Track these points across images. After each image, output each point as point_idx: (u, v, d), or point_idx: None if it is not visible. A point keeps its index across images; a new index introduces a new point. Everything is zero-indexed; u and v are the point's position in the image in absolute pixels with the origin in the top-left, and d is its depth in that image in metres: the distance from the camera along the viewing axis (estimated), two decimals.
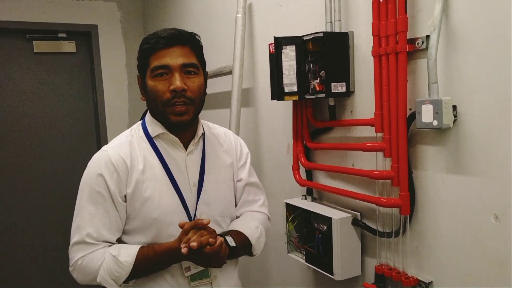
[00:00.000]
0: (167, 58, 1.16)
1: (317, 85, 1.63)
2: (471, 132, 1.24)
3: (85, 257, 1.16)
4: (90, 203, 1.17)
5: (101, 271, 1.14)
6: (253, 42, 2.27)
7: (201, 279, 1.23)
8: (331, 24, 1.65)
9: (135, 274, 1.16)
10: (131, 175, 1.19)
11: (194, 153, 1.27)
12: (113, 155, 1.19)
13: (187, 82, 1.17)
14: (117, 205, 1.18)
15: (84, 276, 1.18)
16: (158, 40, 1.17)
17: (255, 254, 1.34)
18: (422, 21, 1.35)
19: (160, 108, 1.18)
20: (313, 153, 1.90)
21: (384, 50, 1.41)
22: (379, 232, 1.55)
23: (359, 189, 1.66)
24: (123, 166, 1.18)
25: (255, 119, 2.32)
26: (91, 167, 1.20)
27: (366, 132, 1.60)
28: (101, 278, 1.14)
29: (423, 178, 1.41)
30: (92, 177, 1.18)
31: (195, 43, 1.23)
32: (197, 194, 1.25)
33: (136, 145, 1.23)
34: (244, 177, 1.39)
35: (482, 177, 1.23)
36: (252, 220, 1.36)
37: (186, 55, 1.18)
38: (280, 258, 2.21)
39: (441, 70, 1.29)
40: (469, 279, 1.29)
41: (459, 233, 1.31)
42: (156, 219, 1.19)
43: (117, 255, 1.14)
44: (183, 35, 1.19)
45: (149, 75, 1.18)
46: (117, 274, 1.13)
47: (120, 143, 1.23)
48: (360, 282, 1.69)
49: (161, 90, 1.16)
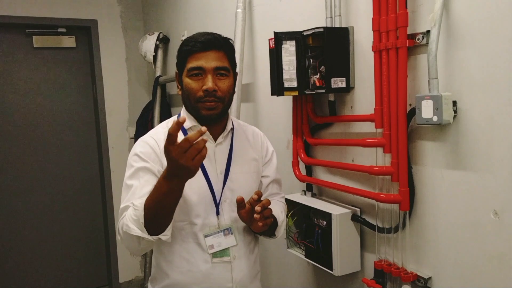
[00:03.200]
0: (202, 61, 1.29)
1: (317, 80, 1.62)
2: (471, 128, 1.24)
3: (125, 216, 1.24)
4: (132, 179, 1.29)
5: (124, 220, 1.22)
6: (253, 37, 2.26)
7: (222, 256, 1.36)
8: (331, 19, 1.65)
9: (150, 215, 1.19)
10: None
11: (222, 145, 1.41)
12: (149, 140, 1.34)
13: (218, 83, 1.30)
14: (155, 175, 1.28)
15: (124, 237, 1.24)
16: (196, 44, 1.29)
17: (277, 236, 1.47)
18: (422, 16, 1.35)
19: (193, 103, 1.31)
20: (313, 148, 1.90)
21: (384, 45, 1.40)
22: (378, 227, 1.55)
23: (358, 184, 1.66)
24: (158, 149, 1.32)
25: (255, 114, 2.32)
26: (131, 152, 1.35)
27: (366, 128, 1.60)
28: (126, 227, 1.21)
29: (422, 174, 1.41)
30: (133, 157, 1.33)
31: (229, 47, 1.35)
32: (223, 181, 1.38)
33: None
34: (271, 175, 1.53)
35: (482, 173, 1.23)
36: (278, 205, 1.49)
37: (220, 59, 1.30)
38: (280, 254, 2.22)
39: (441, 66, 1.29)
40: (468, 275, 1.30)
41: (458, 228, 1.31)
42: (186, 199, 1.31)
43: (134, 201, 1.23)
44: (218, 40, 1.32)
45: (185, 73, 1.32)
46: (135, 217, 1.19)
47: (156, 131, 1.39)
48: (360, 278, 1.69)
49: (195, 88, 1.30)
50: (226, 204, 1.37)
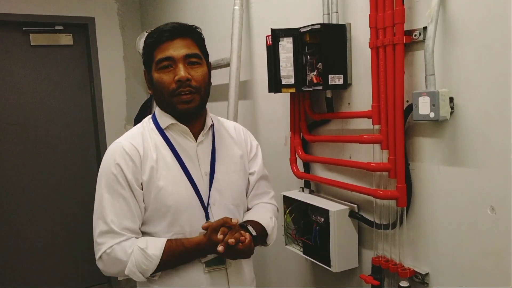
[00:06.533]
0: (170, 50, 1.20)
1: (315, 77, 1.62)
2: (468, 124, 1.24)
3: (113, 248, 1.19)
4: (109, 193, 1.21)
5: (129, 264, 1.17)
6: (251, 34, 2.26)
7: (216, 265, 1.27)
8: (328, 16, 1.65)
9: (162, 267, 1.19)
10: (145, 163, 1.23)
11: (204, 144, 1.31)
12: (126, 145, 1.23)
13: (191, 72, 1.21)
14: (135, 192, 1.21)
15: (112, 268, 1.21)
16: (161, 34, 1.21)
17: (269, 244, 1.38)
18: (419, 12, 1.35)
19: (167, 98, 1.22)
20: (310, 145, 1.90)
21: (381, 42, 1.40)
22: (376, 224, 1.56)
23: (356, 181, 1.66)
24: (136, 155, 1.22)
25: (252, 111, 2.32)
26: (106, 159, 1.24)
27: (363, 125, 1.60)
28: (129, 271, 1.17)
29: (420, 170, 1.41)
30: (108, 167, 1.22)
31: (197, 34, 1.27)
32: (209, 183, 1.28)
33: (148, 136, 1.27)
34: (257, 170, 1.43)
35: (479, 169, 1.23)
36: (266, 212, 1.41)
37: (189, 46, 1.22)
38: (278, 250, 2.22)
39: (438, 62, 1.29)
40: (465, 271, 1.30)
41: (455, 224, 1.31)
42: (171, 207, 1.22)
43: (145, 248, 1.17)
44: (184, 27, 1.24)
45: (154, 68, 1.23)
46: (145, 267, 1.16)
47: (132, 134, 1.28)
48: (357, 274, 1.69)
49: (167, 81, 1.20)
50: (216, 207, 1.28)
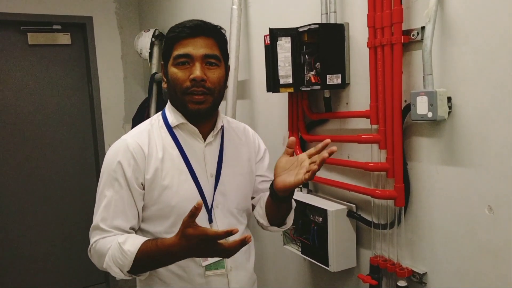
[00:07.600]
0: (190, 48, 1.17)
1: (313, 77, 1.62)
2: (466, 124, 1.24)
3: (98, 242, 1.18)
4: (107, 189, 1.20)
5: (106, 257, 1.14)
6: (249, 33, 2.26)
7: (216, 269, 1.25)
8: (326, 16, 1.64)
9: (139, 265, 1.13)
10: (149, 163, 1.21)
11: (212, 145, 1.29)
12: (131, 143, 1.21)
13: (207, 73, 1.18)
14: (134, 192, 1.20)
15: (98, 261, 1.19)
16: (183, 30, 1.18)
17: (287, 225, 1.36)
18: (417, 12, 1.35)
19: (179, 96, 1.20)
20: (308, 145, 1.90)
21: (379, 41, 1.40)
22: (374, 223, 1.56)
23: (354, 181, 1.66)
24: (140, 154, 1.20)
25: (251, 111, 2.32)
26: (109, 155, 1.23)
27: (362, 124, 1.60)
28: (106, 265, 1.15)
29: (418, 170, 1.41)
30: (110, 164, 1.20)
31: (220, 35, 1.23)
32: (214, 185, 1.26)
33: (155, 135, 1.25)
34: (263, 174, 1.41)
35: (477, 169, 1.23)
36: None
37: (209, 46, 1.19)
38: (276, 250, 2.22)
39: (436, 62, 1.29)
40: (463, 270, 1.30)
41: (453, 224, 1.31)
42: (175, 207, 1.21)
43: (122, 242, 1.13)
44: (208, 26, 1.21)
45: (171, 62, 1.20)
46: (121, 262, 1.12)
47: (139, 131, 1.26)
48: (355, 274, 1.70)
49: (181, 78, 1.18)
50: (219, 209, 1.26)
